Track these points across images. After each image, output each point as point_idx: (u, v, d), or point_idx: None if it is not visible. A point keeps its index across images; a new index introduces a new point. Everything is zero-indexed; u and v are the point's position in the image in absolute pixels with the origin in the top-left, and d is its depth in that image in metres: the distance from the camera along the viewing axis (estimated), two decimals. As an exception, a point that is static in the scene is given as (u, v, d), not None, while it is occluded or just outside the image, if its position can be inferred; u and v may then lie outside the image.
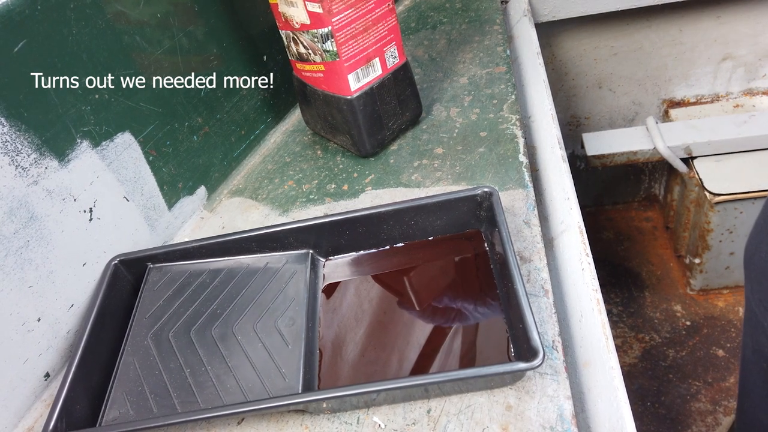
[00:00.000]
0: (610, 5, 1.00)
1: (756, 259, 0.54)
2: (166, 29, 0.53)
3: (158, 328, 0.46)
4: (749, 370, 0.63)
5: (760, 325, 0.56)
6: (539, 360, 0.34)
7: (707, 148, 1.08)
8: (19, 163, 0.42)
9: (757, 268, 0.54)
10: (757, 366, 0.59)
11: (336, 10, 0.51)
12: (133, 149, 0.51)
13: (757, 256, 0.53)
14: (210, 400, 0.41)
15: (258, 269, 0.49)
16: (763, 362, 0.58)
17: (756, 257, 0.54)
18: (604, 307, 0.45)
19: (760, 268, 0.53)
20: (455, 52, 0.75)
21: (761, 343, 0.57)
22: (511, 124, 0.61)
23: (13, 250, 0.42)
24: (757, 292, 0.55)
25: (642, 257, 1.32)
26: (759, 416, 0.63)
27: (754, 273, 0.55)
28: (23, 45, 0.41)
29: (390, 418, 0.39)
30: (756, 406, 0.63)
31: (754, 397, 0.63)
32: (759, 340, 0.57)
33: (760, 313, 0.55)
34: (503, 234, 0.43)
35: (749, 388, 0.64)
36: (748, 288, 0.57)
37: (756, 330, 0.57)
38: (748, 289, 0.57)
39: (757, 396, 0.62)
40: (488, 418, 0.37)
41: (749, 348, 0.61)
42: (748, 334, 0.60)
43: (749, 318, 0.59)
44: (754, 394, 0.63)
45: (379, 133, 0.60)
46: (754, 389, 0.62)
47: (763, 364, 0.58)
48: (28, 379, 0.44)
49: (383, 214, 0.48)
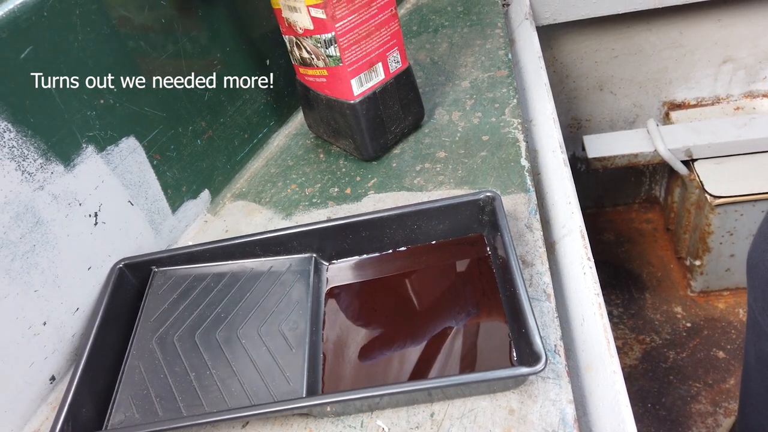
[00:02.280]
0: (610, 8, 1.00)
1: (760, 268, 0.54)
2: (170, 34, 0.53)
3: (163, 332, 0.46)
4: (751, 377, 0.63)
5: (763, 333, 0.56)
6: (542, 365, 0.35)
7: (708, 150, 1.08)
8: (26, 169, 0.42)
9: (760, 277, 0.54)
10: (760, 374, 0.60)
11: (339, 15, 0.51)
12: (138, 153, 0.52)
13: (762, 265, 0.53)
14: (215, 403, 0.41)
15: (262, 273, 0.49)
16: (765, 370, 0.58)
17: (760, 266, 0.54)
18: (605, 311, 0.45)
19: (764, 277, 0.53)
20: (457, 56, 0.76)
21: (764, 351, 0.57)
22: (513, 128, 0.61)
23: (19, 255, 0.42)
24: (761, 301, 0.55)
25: (642, 259, 1.33)
26: (762, 422, 0.63)
27: (758, 282, 0.55)
28: (29, 51, 0.42)
29: (394, 422, 0.39)
30: (758, 413, 0.63)
31: (756, 404, 0.63)
32: (762, 348, 0.57)
33: (763, 322, 0.55)
34: (505, 238, 0.43)
35: (751, 395, 0.64)
36: (751, 297, 0.57)
37: (759, 338, 0.57)
38: (751, 298, 0.57)
39: (759, 403, 0.62)
40: (491, 422, 0.38)
41: (752, 356, 0.61)
42: (751, 342, 0.60)
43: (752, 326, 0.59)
44: (756, 401, 0.63)
45: (381, 137, 0.60)
46: (757, 396, 0.62)
47: (765, 372, 0.58)
48: (34, 382, 0.45)
49: (386, 218, 0.48)
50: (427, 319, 0.45)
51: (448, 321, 0.44)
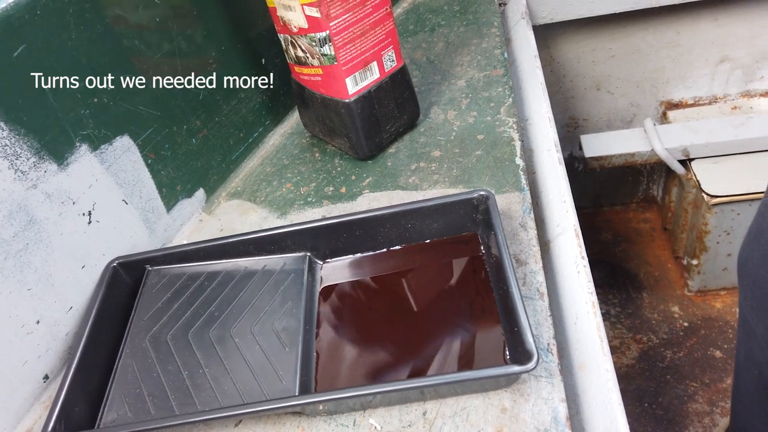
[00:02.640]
0: (607, 7, 1.00)
1: (748, 266, 0.54)
2: (165, 33, 0.53)
3: (156, 331, 0.46)
4: (742, 375, 0.63)
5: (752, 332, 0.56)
6: (534, 363, 0.35)
7: (705, 149, 1.08)
8: (19, 167, 0.42)
9: (749, 275, 0.54)
10: (749, 372, 0.60)
11: (334, 14, 0.51)
12: (132, 152, 0.52)
13: (750, 263, 0.54)
14: (207, 402, 0.41)
15: (256, 272, 0.49)
16: (754, 368, 0.58)
17: (749, 264, 0.54)
18: (599, 310, 0.45)
19: (752, 276, 0.53)
20: (453, 55, 0.76)
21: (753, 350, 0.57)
22: (509, 127, 0.61)
23: (12, 253, 0.42)
24: (750, 299, 0.55)
25: (640, 258, 1.33)
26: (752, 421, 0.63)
27: (746, 280, 0.55)
28: (22, 49, 0.42)
29: (386, 420, 0.39)
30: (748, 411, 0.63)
31: (746, 402, 0.63)
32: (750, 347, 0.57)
33: (752, 320, 0.55)
34: (499, 237, 0.43)
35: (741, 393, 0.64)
36: (741, 295, 0.57)
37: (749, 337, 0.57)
38: (741, 296, 0.57)
39: (749, 401, 0.63)
40: (483, 420, 0.38)
41: (742, 354, 0.61)
42: (741, 341, 0.61)
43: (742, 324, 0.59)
44: (746, 399, 0.63)
45: (376, 136, 0.60)
46: (746, 394, 0.63)
47: (754, 371, 0.59)
48: (27, 381, 0.45)
49: (380, 217, 0.48)
50: (420, 317, 0.45)
51: (441, 320, 0.44)
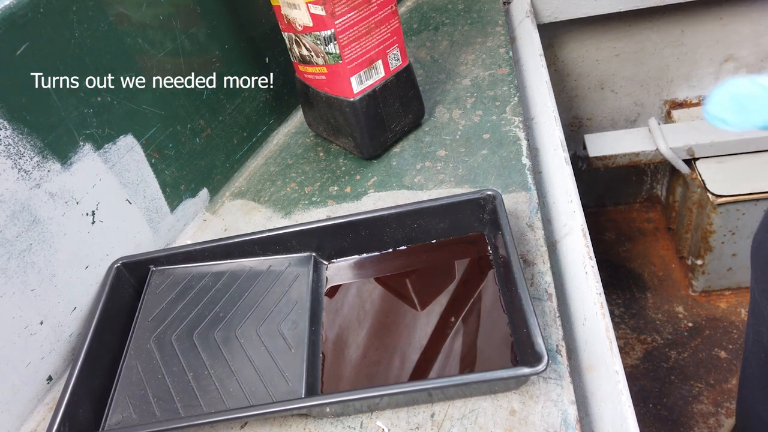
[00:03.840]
0: (612, 6, 1.00)
1: (762, 249, 0.54)
2: (169, 31, 0.53)
3: (161, 332, 0.46)
4: (749, 360, 0.63)
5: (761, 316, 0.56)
6: (543, 365, 0.34)
7: (709, 149, 1.08)
8: (22, 167, 0.42)
9: (761, 257, 0.54)
10: (756, 357, 0.60)
11: (339, 12, 0.50)
12: (136, 152, 0.51)
13: (763, 246, 0.54)
14: (213, 404, 0.40)
15: (261, 272, 0.49)
16: (761, 352, 0.58)
17: (762, 247, 0.54)
18: (607, 311, 0.44)
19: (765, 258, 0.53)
20: (457, 54, 0.75)
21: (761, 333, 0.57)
22: (514, 126, 0.61)
23: (15, 254, 0.42)
24: (761, 282, 0.55)
25: (644, 258, 1.32)
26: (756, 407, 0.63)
27: (759, 263, 0.55)
28: (26, 48, 0.41)
29: (394, 423, 0.39)
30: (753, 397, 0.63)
31: (752, 388, 0.63)
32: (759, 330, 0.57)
33: (762, 303, 0.55)
34: (507, 237, 0.42)
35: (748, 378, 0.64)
36: (753, 278, 0.57)
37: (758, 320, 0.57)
38: (753, 279, 0.57)
39: (754, 387, 0.63)
40: (492, 422, 0.37)
41: (750, 338, 0.61)
42: (751, 324, 0.61)
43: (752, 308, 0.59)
44: (752, 385, 0.63)
45: (381, 136, 0.60)
46: (752, 380, 0.63)
47: (761, 355, 0.58)
48: (31, 382, 0.44)
49: (386, 217, 0.48)
50: (427, 318, 0.44)
51: (448, 321, 0.44)
